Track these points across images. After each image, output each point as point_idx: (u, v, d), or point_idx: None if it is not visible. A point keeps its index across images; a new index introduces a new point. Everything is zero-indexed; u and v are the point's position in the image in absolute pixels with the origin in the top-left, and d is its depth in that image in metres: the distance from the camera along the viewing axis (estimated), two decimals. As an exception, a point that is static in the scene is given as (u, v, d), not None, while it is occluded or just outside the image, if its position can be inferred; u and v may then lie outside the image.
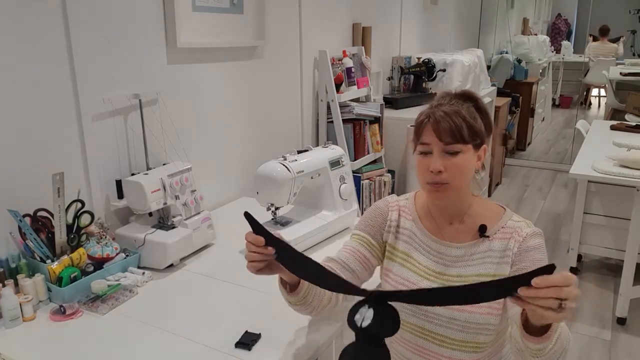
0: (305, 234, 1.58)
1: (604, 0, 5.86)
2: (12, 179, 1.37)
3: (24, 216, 1.32)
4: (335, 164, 1.72)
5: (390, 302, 0.87)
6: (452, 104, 1.09)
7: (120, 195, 1.61)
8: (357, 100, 2.85)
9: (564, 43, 6.74)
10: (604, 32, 6.20)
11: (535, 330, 0.89)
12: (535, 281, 0.77)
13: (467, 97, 1.12)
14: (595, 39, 6.27)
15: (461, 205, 1.15)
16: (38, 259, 1.33)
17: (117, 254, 1.44)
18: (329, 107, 2.65)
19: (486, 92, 3.89)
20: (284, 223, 1.64)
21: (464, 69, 3.66)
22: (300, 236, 1.56)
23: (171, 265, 1.52)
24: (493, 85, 4.40)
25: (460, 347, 1.11)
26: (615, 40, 6.28)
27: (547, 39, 6.56)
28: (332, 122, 2.67)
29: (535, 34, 6.51)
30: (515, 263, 1.08)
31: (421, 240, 1.17)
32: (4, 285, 1.25)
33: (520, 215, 1.16)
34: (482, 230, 1.12)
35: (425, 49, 4.29)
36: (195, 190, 1.66)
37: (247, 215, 1.00)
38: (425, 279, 1.14)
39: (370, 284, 1.25)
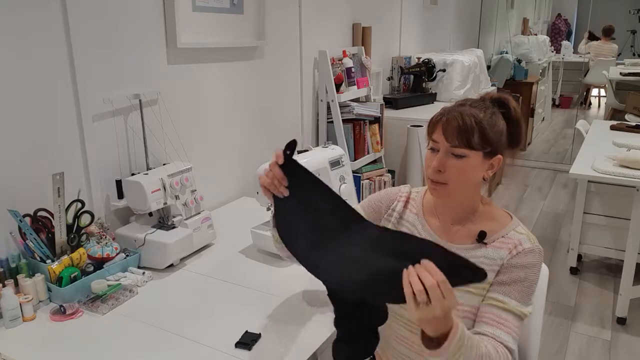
0: (305, 234, 1.58)
1: (604, 0, 5.86)
2: (12, 179, 1.37)
3: (24, 216, 1.32)
4: (335, 164, 1.72)
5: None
6: (475, 106, 1.06)
7: (120, 195, 1.61)
8: (357, 100, 2.85)
9: (564, 43, 6.74)
10: (606, 32, 6.20)
11: (430, 342, 0.88)
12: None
13: (500, 104, 1.09)
14: (593, 38, 6.27)
15: (464, 210, 1.13)
16: (38, 259, 1.33)
17: (117, 254, 1.44)
18: (329, 107, 2.65)
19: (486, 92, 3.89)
20: (284, 223, 1.64)
21: (464, 69, 3.66)
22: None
23: (171, 265, 1.52)
24: (493, 85, 4.40)
25: None
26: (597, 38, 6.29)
27: (547, 39, 6.56)
28: (332, 122, 2.67)
29: (535, 34, 6.50)
30: (501, 273, 1.07)
31: (420, 234, 1.17)
32: (4, 285, 1.26)
33: (524, 225, 1.13)
34: (481, 237, 1.10)
35: (425, 49, 4.29)
36: (195, 190, 1.66)
37: (290, 149, 0.97)
38: None
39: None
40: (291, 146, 0.96)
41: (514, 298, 1.04)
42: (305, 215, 0.98)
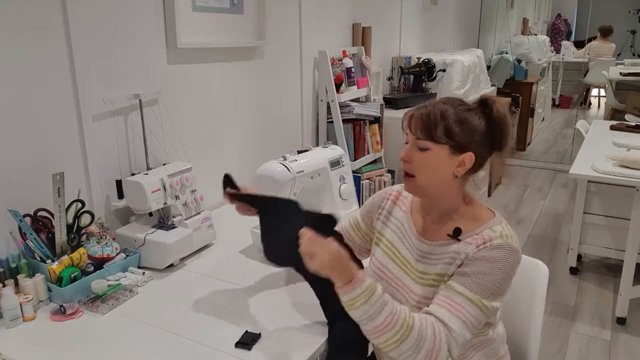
0: (305, 234, 1.58)
1: (604, 0, 5.86)
2: (12, 179, 1.37)
3: (24, 216, 1.33)
4: (335, 164, 1.72)
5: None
6: (449, 103, 1.09)
7: (121, 195, 1.61)
8: (357, 100, 2.85)
9: (564, 43, 6.74)
10: (604, 32, 6.20)
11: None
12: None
13: (482, 103, 1.10)
14: (580, 44, 6.30)
15: (444, 208, 1.13)
16: (38, 259, 1.33)
17: (117, 254, 1.44)
18: (329, 107, 2.65)
19: (486, 92, 3.89)
20: (284, 223, 1.64)
21: (463, 69, 3.66)
22: (300, 236, 1.56)
23: (171, 265, 1.52)
24: (493, 85, 4.40)
25: None
26: (593, 39, 6.30)
27: (547, 39, 6.56)
28: (332, 122, 2.67)
29: (535, 34, 6.50)
30: (463, 265, 1.05)
31: (406, 232, 1.19)
32: (4, 285, 1.26)
33: (507, 224, 1.11)
34: (455, 233, 1.09)
35: (425, 49, 4.29)
36: (195, 190, 1.66)
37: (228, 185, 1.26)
38: (402, 271, 1.16)
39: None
40: (226, 181, 1.24)
41: (471, 290, 1.01)
42: (271, 227, 1.23)
